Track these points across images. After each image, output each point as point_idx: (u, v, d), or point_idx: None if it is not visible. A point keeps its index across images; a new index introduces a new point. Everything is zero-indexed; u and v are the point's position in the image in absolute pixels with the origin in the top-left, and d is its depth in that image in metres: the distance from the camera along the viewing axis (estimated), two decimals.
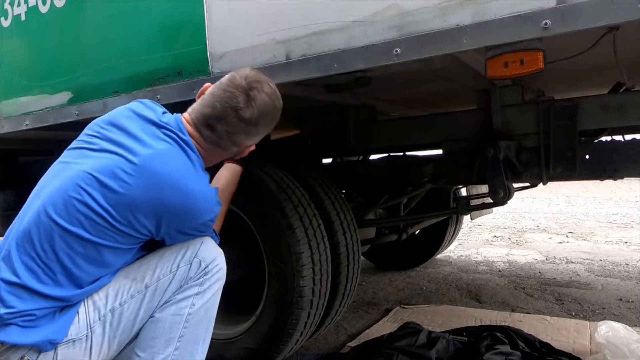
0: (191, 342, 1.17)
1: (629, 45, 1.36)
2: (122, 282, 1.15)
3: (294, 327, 1.60)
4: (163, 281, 1.15)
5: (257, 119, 1.20)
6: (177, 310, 1.15)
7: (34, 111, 1.98)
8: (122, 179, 1.07)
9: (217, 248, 1.25)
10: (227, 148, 1.25)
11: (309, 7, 1.27)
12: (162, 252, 1.20)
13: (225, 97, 1.18)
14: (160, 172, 1.09)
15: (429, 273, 3.37)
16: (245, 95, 1.18)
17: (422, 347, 1.75)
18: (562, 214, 6.57)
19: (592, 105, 1.63)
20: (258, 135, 1.27)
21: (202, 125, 1.21)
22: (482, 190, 2.83)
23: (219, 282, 1.22)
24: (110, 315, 1.13)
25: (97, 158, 1.11)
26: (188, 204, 1.12)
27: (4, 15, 2.00)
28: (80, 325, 1.11)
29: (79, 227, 1.06)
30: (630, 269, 3.34)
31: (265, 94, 1.20)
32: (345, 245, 1.81)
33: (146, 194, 1.08)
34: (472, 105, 1.88)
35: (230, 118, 1.18)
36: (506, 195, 1.67)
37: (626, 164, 1.63)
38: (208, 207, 1.18)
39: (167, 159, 1.12)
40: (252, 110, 1.18)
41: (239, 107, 1.17)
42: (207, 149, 1.24)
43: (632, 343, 1.55)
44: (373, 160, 2.67)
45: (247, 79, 1.19)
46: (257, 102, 1.19)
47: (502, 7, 1.03)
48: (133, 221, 1.08)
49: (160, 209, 1.09)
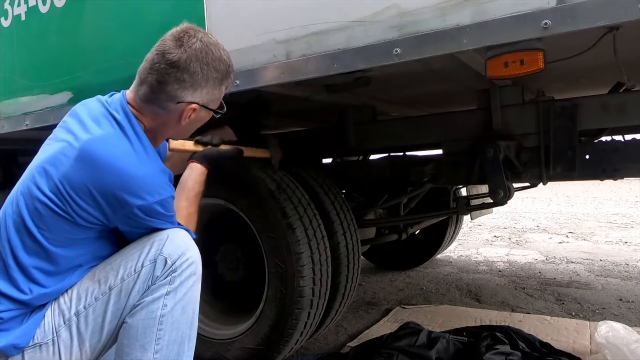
0: (174, 343, 1.11)
1: (629, 45, 1.36)
2: (87, 284, 1.12)
3: (294, 327, 1.60)
4: (127, 282, 1.10)
5: (188, 64, 1.11)
6: (148, 314, 1.09)
7: (34, 111, 1.98)
8: (63, 164, 1.07)
9: (187, 240, 1.15)
10: (163, 104, 1.15)
11: (309, 7, 1.27)
12: (128, 250, 1.14)
13: (156, 46, 1.14)
14: (95, 155, 1.06)
15: (429, 273, 3.37)
16: (175, 40, 1.12)
17: (422, 347, 1.75)
18: (562, 214, 6.57)
19: (592, 105, 1.63)
20: (195, 87, 1.15)
21: (138, 84, 1.17)
22: (482, 190, 2.83)
23: (192, 278, 1.13)
24: (76, 318, 1.10)
25: (50, 148, 1.13)
26: (122, 185, 1.05)
27: (4, 15, 2.00)
28: (46, 329, 1.09)
29: (28, 220, 1.08)
30: (630, 269, 3.34)
31: (198, 39, 1.13)
32: (345, 245, 1.81)
33: (80, 177, 1.05)
34: (472, 105, 1.88)
35: (159, 64, 1.11)
36: (506, 195, 1.67)
37: (626, 164, 1.63)
38: (148, 188, 1.08)
39: (104, 141, 1.09)
40: (181, 54, 1.10)
41: (166, 50, 1.11)
42: (147, 112, 1.17)
43: (632, 343, 1.55)
44: (373, 160, 2.66)
45: (180, 26, 1.15)
46: (188, 46, 1.11)
47: (502, 7, 1.03)
48: (74, 206, 1.06)
49: (95, 192, 1.05)
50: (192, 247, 1.15)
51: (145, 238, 1.14)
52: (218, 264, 1.91)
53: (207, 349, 1.76)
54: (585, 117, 1.62)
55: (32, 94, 1.97)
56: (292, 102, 1.88)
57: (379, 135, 2.09)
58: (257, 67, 1.37)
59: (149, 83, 1.14)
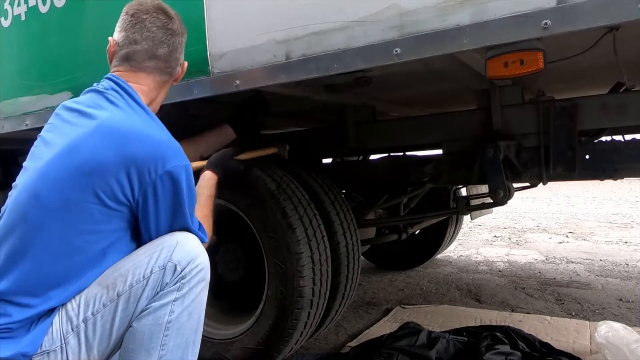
0: (179, 348, 1.11)
1: (629, 45, 1.36)
2: (95, 290, 1.10)
3: (294, 327, 1.60)
4: (136, 288, 1.09)
5: (181, 28, 1.28)
6: (155, 319, 1.08)
7: (34, 111, 1.98)
8: (81, 150, 1.08)
9: (197, 247, 1.16)
10: (173, 70, 1.29)
11: (309, 7, 1.27)
12: (137, 255, 1.14)
13: (149, 25, 1.23)
14: (118, 128, 1.10)
15: (429, 273, 3.37)
16: (163, 12, 1.26)
17: (422, 347, 1.75)
18: (562, 214, 6.57)
19: (592, 105, 1.63)
20: (184, 46, 1.30)
21: (145, 61, 1.24)
22: (482, 190, 2.83)
23: (200, 284, 1.13)
24: (84, 325, 1.09)
25: (58, 139, 1.13)
26: (148, 149, 1.08)
27: (4, 15, 2.00)
28: (54, 336, 1.08)
29: (49, 216, 1.07)
30: (630, 269, 3.34)
31: (167, 5, 1.28)
32: (345, 245, 1.81)
33: (108, 150, 1.06)
34: (472, 105, 1.88)
35: (166, 38, 1.24)
36: (506, 195, 1.67)
37: (626, 164, 1.63)
38: (172, 151, 1.12)
39: (121, 115, 1.13)
40: (175, 22, 1.26)
41: (167, 24, 1.24)
42: (156, 84, 1.27)
43: (632, 343, 1.55)
44: (373, 160, 2.67)
45: (146, 2, 1.26)
46: (172, 13, 1.27)
47: (502, 7, 1.03)
48: (103, 185, 1.06)
49: (126, 160, 1.06)
50: (202, 254, 1.15)
51: (155, 243, 1.14)
52: (218, 263, 1.91)
53: (207, 349, 1.76)
54: (585, 117, 1.62)
55: (32, 94, 1.97)
56: (292, 102, 1.88)
57: (379, 135, 2.09)
58: (257, 67, 1.37)
59: (162, 56, 1.25)
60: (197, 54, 1.47)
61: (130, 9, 1.25)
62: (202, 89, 1.48)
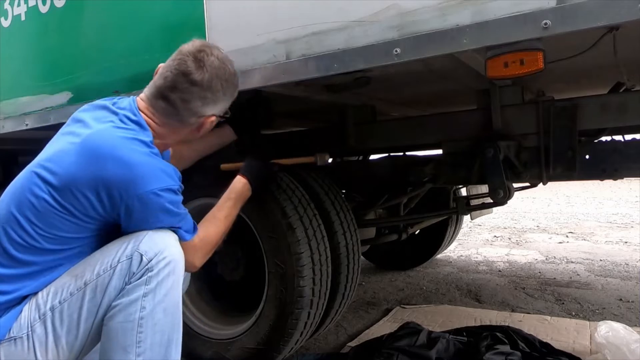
0: (159, 346, 1.09)
1: (629, 45, 1.36)
2: (65, 280, 1.11)
3: (294, 327, 1.60)
4: (103, 277, 1.08)
5: (210, 83, 1.19)
6: (126, 316, 1.07)
7: (34, 111, 1.98)
8: (62, 160, 1.09)
9: (168, 239, 1.13)
10: (184, 120, 1.23)
11: (309, 7, 1.27)
12: (108, 246, 1.14)
13: (175, 65, 1.18)
14: (95, 145, 1.10)
15: (429, 273, 3.37)
16: (194, 59, 1.17)
17: (422, 347, 1.75)
18: (562, 214, 6.57)
19: (592, 105, 1.63)
20: (216, 102, 1.24)
21: (156, 98, 1.21)
22: (482, 190, 2.83)
23: (170, 278, 1.10)
24: (51, 313, 1.08)
25: (49, 149, 1.16)
26: (124, 172, 1.07)
27: (4, 15, 2.00)
28: (22, 323, 1.08)
29: (20, 217, 1.09)
30: (630, 269, 3.34)
31: (215, 57, 1.20)
32: (345, 245, 1.81)
33: (80, 168, 1.07)
34: (472, 105, 1.88)
35: (183, 84, 1.18)
36: (506, 195, 1.67)
37: (626, 164, 1.63)
38: (151, 174, 1.09)
39: (106, 132, 1.12)
40: (203, 74, 1.18)
41: (189, 71, 1.17)
42: (162, 124, 1.23)
43: (632, 343, 1.55)
44: (373, 160, 2.66)
45: (194, 44, 1.20)
46: (208, 65, 1.18)
47: (502, 7, 1.03)
48: (73, 201, 1.08)
49: (96, 181, 1.07)
50: (172, 246, 1.13)
51: (127, 235, 1.13)
52: (218, 264, 1.91)
53: (207, 349, 1.76)
54: (585, 117, 1.62)
55: (32, 94, 1.97)
56: (292, 102, 1.88)
57: (379, 135, 2.09)
58: (257, 67, 1.37)
59: (171, 100, 1.19)
60: None
61: (185, 44, 1.22)
62: None
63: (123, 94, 1.67)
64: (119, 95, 1.69)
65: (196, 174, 1.68)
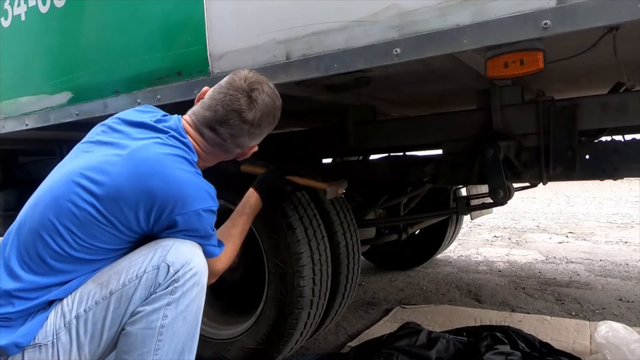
0: (173, 353, 1.10)
1: (629, 45, 1.36)
2: (90, 287, 1.10)
3: (294, 327, 1.60)
4: (128, 287, 1.08)
5: (260, 121, 1.21)
6: (148, 323, 1.07)
7: (34, 111, 1.98)
8: (108, 171, 1.08)
9: (193, 250, 1.14)
10: (230, 150, 1.26)
11: (309, 7, 1.27)
12: (134, 255, 1.13)
13: (227, 100, 1.19)
14: (144, 159, 1.09)
15: (429, 273, 3.37)
16: (247, 98, 1.19)
17: (422, 347, 1.75)
18: (562, 214, 6.57)
19: (592, 105, 1.63)
20: (261, 136, 1.28)
21: (204, 127, 1.21)
22: (482, 190, 2.83)
23: (195, 289, 1.11)
24: (76, 321, 1.08)
25: (88, 156, 1.14)
26: (172, 190, 1.08)
27: (4, 16, 2.00)
28: (48, 330, 1.08)
29: (67, 223, 1.07)
30: (630, 269, 3.34)
31: (266, 95, 1.22)
32: (345, 245, 1.81)
33: (129, 181, 1.07)
34: (472, 105, 1.88)
35: (234, 121, 1.19)
36: (506, 195, 1.67)
37: (626, 164, 1.63)
38: (197, 194, 1.12)
39: (155, 148, 1.12)
40: (255, 112, 1.20)
41: (242, 109, 1.18)
42: (208, 151, 1.24)
43: (632, 343, 1.55)
44: (373, 160, 2.66)
45: (247, 80, 1.20)
46: (259, 104, 1.20)
47: (502, 7, 1.03)
48: (118, 214, 1.07)
49: (143, 196, 1.07)
50: (198, 257, 1.14)
51: (152, 243, 1.14)
52: None
53: (207, 349, 1.76)
54: (585, 117, 1.62)
55: (32, 94, 1.97)
56: (292, 102, 1.88)
57: (379, 135, 2.09)
58: (257, 67, 1.37)
59: (220, 133, 1.21)
60: (197, 54, 1.47)
61: (236, 76, 1.22)
62: None
63: (123, 94, 1.68)
64: (118, 95, 1.69)
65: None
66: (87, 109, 1.78)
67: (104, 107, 1.72)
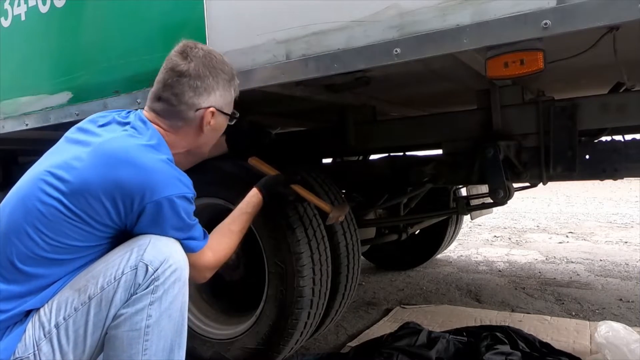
0: (162, 351, 1.08)
1: (629, 45, 1.36)
2: (67, 294, 1.07)
3: (294, 327, 1.60)
4: (107, 290, 1.05)
5: (197, 70, 1.20)
6: (132, 325, 1.05)
7: (34, 111, 1.98)
8: (74, 166, 1.08)
9: (171, 245, 1.11)
10: (185, 116, 1.23)
11: (309, 7, 1.27)
12: (110, 256, 1.11)
13: (163, 66, 1.23)
14: (111, 151, 1.09)
15: (429, 273, 3.37)
16: (180, 54, 1.22)
17: (422, 347, 1.75)
18: (562, 214, 6.57)
19: (592, 105, 1.63)
20: (208, 90, 1.23)
21: (152, 102, 1.24)
22: (482, 190, 2.83)
23: (177, 285, 1.09)
24: (56, 330, 1.05)
25: (56, 156, 1.14)
26: (140, 177, 1.06)
27: (4, 15, 2.00)
28: (27, 343, 1.05)
29: (35, 223, 1.06)
30: (630, 269, 3.34)
31: (199, 48, 1.23)
32: (345, 245, 1.81)
33: (96, 173, 1.06)
34: (472, 105, 1.88)
35: (172, 79, 1.21)
36: (506, 195, 1.67)
37: (626, 164, 1.63)
38: (166, 181, 1.09)
39: (121, 140, 1.12)
40: (189, 63, 1.20)
41: (176, 64, 1.21)
42: (168, 127, 1.24)
43: (632, 343, 1.55)
44: (373, 160, 2.66)
45: (179, 44, 1.24)
46: (193, 55, 1.21)
47: (502, 7, 1.03)
48: (86, 207, 1.05)
49: (111, 187, 1.05)
50: (176, 253, 1.11)
51: (128, 243, 1.11)
52: None
53: (207, 349, 1.76)
54: (585, 117, 1.62)
55: (32, 94, 1.97)
56: (292, 102, 1.88)
57: (379, 135, 2.09)
58: (257, 67, 1.37)
59: (166, 98, 1.21)
60: None
61: (177, 46, 1.25)
62: None
63: (123, 94, 1.68)
64: (118, 95, 1.69)
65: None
66: (87, 108, 1.78)
67: (104, 107, 1.72)
